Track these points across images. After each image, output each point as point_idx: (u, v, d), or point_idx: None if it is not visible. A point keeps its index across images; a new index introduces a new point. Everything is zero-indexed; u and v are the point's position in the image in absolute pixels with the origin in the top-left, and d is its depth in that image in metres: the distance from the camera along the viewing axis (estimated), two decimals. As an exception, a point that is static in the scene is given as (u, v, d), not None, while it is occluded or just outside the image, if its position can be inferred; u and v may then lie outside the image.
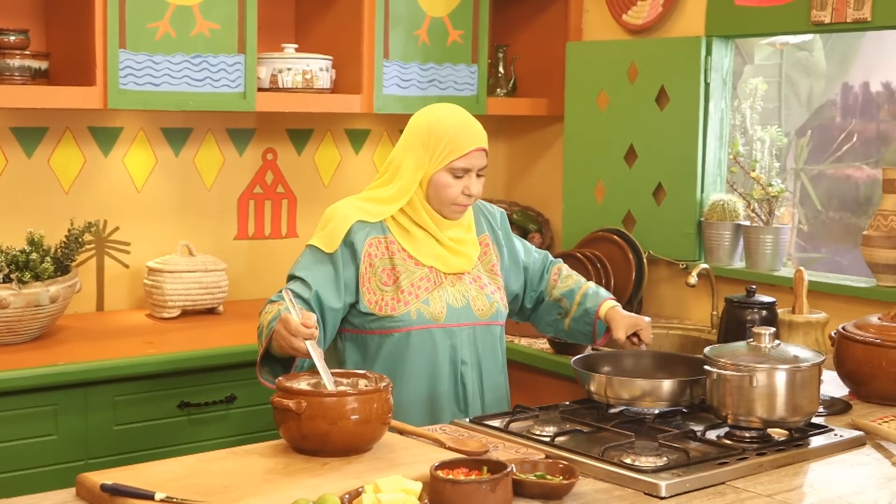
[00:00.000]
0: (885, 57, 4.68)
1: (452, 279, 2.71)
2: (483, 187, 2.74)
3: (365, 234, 2.66)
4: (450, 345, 2.68)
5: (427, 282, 2.67)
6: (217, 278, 3.82)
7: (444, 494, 1.91)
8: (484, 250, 2.81)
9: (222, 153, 4.06)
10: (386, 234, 2.68)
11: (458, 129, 2.68)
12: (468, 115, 2.75)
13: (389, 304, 2.63)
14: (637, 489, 2.09)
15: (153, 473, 2.06)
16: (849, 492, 2.14)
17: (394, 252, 2.66)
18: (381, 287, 2.64)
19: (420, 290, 2.66)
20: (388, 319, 2.63)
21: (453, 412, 2.69)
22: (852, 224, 4.67)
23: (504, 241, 2.88)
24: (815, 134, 4.90)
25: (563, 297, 2.90)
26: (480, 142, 2.71)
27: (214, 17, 3.58)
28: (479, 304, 2.72)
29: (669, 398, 2.42)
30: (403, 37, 3.97)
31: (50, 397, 3.07)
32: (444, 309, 2.67)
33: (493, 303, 2.75)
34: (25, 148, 3.68)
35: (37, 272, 3.24)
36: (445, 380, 2.68)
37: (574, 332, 2.90)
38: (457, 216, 2.72)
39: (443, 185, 2.67)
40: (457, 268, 2.71)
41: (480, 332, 2.73)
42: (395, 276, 2.65)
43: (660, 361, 2.67)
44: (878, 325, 2.81)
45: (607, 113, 4.13)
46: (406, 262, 2.67)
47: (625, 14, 4.16)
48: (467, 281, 2.73)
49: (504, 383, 2.83)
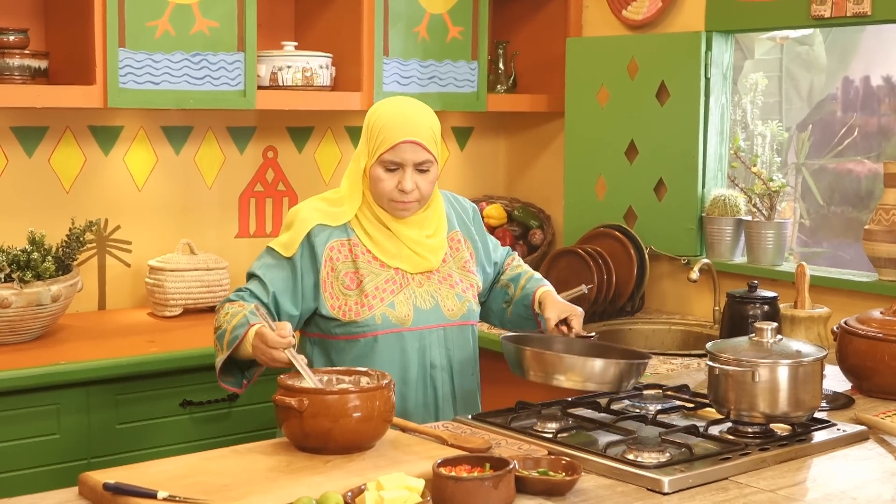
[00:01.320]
0: (886, 51, 4.68)
1: (420, 279, 2.63)
2: (431, 185, 2.60)
3: (326, 238, 2.58)
4: (418, 348, 2.60)
5: (392, 284, 2.59)
6: (218, 276, 3.82)
7: (447, 491, 1.91)
8: (456, 247, 2.72)
9: (223, 151, 4.06)
10: (349, 235, 2.60)
11: (390, 120, 2.56)
12: (414, 107, 2.62)
13: (353, 309, 2.55)
14: (640, 485, 2.09)
15: (155, 472, 2.06)
16: (852, 487, 2.14)
17: (357, 254, 2.59)
18: (344, 291, 2.56)
19: (385, 293, 2.58)
20: (352, 325, 2.56)
21: (423, 418, 2.60)
22: (854, 218, 4.67)
23: (478, 237, 2.80)
24: (816, 128, 4.89)
25: (510, 283, 2.85)
26: (410, 134, 2.55)
27: (214, 15, 3.58)
28: (448, 304, 2.64)
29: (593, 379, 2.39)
30: (403, 34, 3.97)
31: (52, 396, 3.07)
32: (410, 311, 2.59)
33: (465, 302, 2.67)
34: (26, 147, 3.68)
35: (38, 271, 3.24)
36: (414, 385, 2.61)
37: (516, 318, 2.83)
38: (400, 214, 2.60)
39: (375, 179, 2.58)
40: (423, 267, 2.63)
41: (451, 333, 2.66)
42: (358, 279, 2.57)
43: (593, 350, 2.60)
44: (881, 320, 2.80)
45: (608, 109, 4.13)
46: (370, 264, 2.59)
47: (624, 10, 4.15)
48: (436, 280, 2.65)
49: (476, 385, 2.76)
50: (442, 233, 2.70)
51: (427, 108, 2.65)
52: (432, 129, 2.60)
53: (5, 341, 3.26)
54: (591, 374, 2.40)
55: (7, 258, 3.24)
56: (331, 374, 2.33)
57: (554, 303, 2.74)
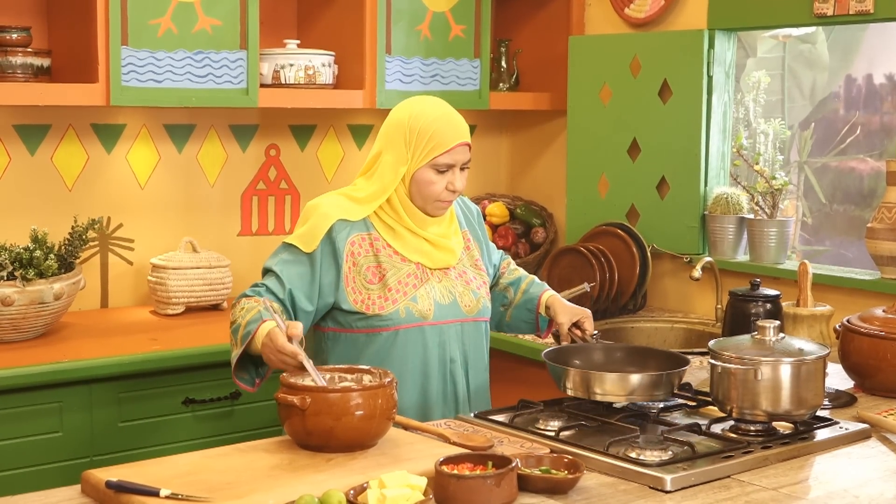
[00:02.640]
0: (889, 49, 4.67)
1: (439, 275, 2.65)
2: (466, 181, 2.65)
3: (347, 233, 2.57)
4: (439, 342, 2.62)
5: (414, 278, 2.60)
6: (221, 275, 3.82)
7: (449, 489, 1.91)
8: (467, 244, 2.75)
9: (225, 149, 4.06)
10: (370, 230, 2.60)
11: (440, 124, 2.58)
12: (449, 108, 2.66)
13: (377, 303, 2.55)
14: (642, 483, 2.09)
15: (158, 470, 2.06)
16: (854, 485, 2.14)
17: (378, 249, 2.59)
18: (367, 286, 2.56)
19: (408, 286, 2.59)
20: (376, 318, 2.55)
21: (444, 412, 2.63)
22: (856, 216, 4.66)
23: (482, 238, 2.83)
24: (819, 126, 4.89)
25: (509, 286, 2.88)
26: (463, 136, 2.60)
27: (216, 14, 3.58)
28: (465, 299, 2.67)
29: (641, 393, 2.40)
30: (405, 32, 3.97)
31: (54, 394, 3.08)
32: (431, 306, 2.60)
33: (480, 298, 2.70)
34: (28, 145, 3.68)
35: (41, 269, 3.24)
36: (436, 379, 2.63)
37: (516, 321, 2.86)
38: (440, 212, 2.64)
39: (426, 182, 2.58)
40: (442, 262, 2.65)
41: (468, 328, 2.68)
42: (380, 273, 2.57)
43: (631, 355, 2.63)
44: (883, 318, 2.80)
45: (610, 107, 4.13)
46: (392, 258, 2.59)
47: (627, 8, 4.15)
48: (453, 276, 2.67)
49: (487, 382, 2.78)
50: (456, 231, 2.73)
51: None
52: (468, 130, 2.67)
53: (8, 339, 3.27)
54: (634, 388, 2.40)
55: (10, 256, 3.24)
56: (333, 372, 2.33)
57: (564, 308, 2.79)
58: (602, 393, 2.41)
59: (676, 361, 2.52)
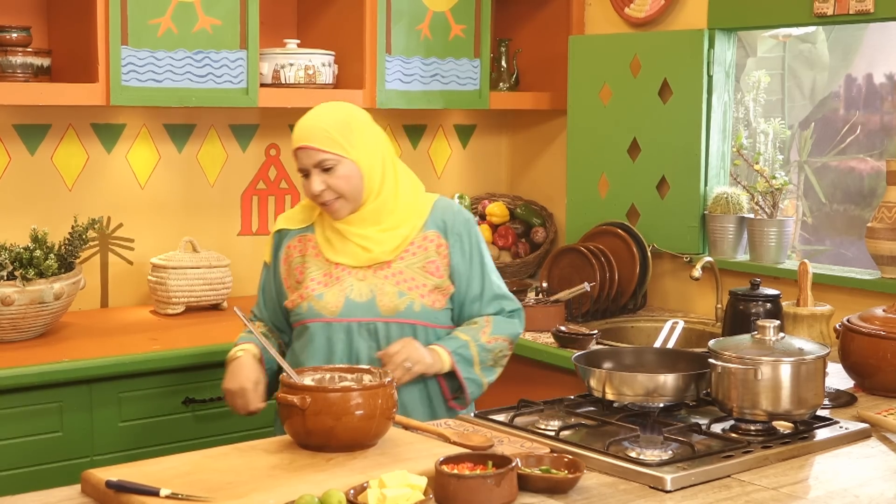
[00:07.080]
0: (889, 48, 4.67)
1: (364, 273, 2.67)
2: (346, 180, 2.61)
3: (287, 239, 2.77)
4: (344, 340, 2.65)
5: (328, 277, 2.68)
6: (221, 274, 3.82)
7: (449, 489, 1.91)
8: (424, 245, 2.69)
9: (225, 149, 4.06)
10: (308, 233, 2.75)
11: (295, 128, 2.69)
12: (311, 113, 2.69)
13: (293, 300, 2.71)
14: (642, 483, 2.09)
15: (158, 470, 2.06)
16: (854, 484, 2.14)
17: (307, 250, 2.73)
18: (295, 285, 2.73)
19: (318, 284, 2.68)
20: (292, 314, 2.73)
21: None
22: (856, 216, 4.66)
23: (469, 251, 2.73)
24: (819, 126, 4.88)
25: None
26: (300, 141, 2.65)
27: (216, 13, 3.58)
28: (385, 300, 2.64)
29: (672, 394, 2.41)
30: (405, 31, 3.97)
31: (55, 394, 3.08)
32: (340, 303, 2.64)
33: (407, 300, 2.65)
34: (28, 145, 3.68)
35: (41, 269, 3.24)
36: None
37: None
38: (332, 215, 2.68)
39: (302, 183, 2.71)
40: (365, 260, 2.66)
41: (393, 329, 2.64)
42: (302, 271, 2.72)
43: (661, 357, 2.65)
44: (883, 317, 2.80)
45: (610, 106, 4.13)
46: (316, 258, 2.72)
47: (627, 7, 4.15)
48: (384, 276, 2.66)
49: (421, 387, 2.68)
50: (404, 227, 2.69)
51: (332, 108, 2.71)
52: (326, 130, 2.64)
53: (8, 339, 3.27)
54: (664, 389, 2.39)
55: (10, 256, 3.24)
56: (333, 371, 2.34)
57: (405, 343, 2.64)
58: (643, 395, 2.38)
59: (702, 364, 2.47)
